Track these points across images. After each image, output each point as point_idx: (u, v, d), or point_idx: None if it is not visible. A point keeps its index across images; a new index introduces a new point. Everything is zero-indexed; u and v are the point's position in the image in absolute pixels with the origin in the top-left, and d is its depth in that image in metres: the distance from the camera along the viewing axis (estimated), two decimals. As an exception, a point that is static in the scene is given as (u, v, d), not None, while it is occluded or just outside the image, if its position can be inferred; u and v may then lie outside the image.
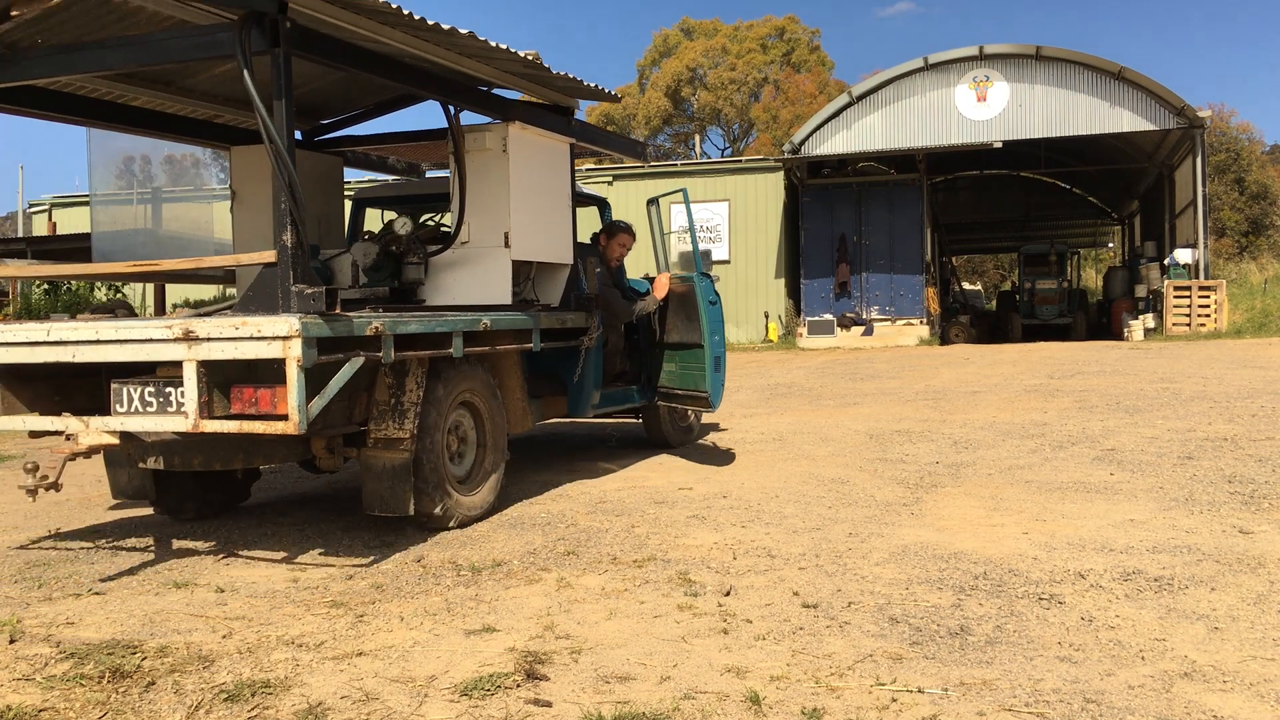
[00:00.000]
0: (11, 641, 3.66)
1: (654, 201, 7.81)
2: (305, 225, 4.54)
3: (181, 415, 4.39)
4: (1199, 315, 20.35)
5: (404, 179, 8.13)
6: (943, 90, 22.22)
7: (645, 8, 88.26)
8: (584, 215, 7.25)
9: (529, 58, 5.79)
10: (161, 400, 4.53)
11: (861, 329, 23.17)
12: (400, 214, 6.21)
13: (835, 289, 23.36)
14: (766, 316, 23.76)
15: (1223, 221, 37.77)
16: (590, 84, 6.49)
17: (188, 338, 4.28)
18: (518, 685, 3.14)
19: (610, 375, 7.26)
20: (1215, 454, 6.78)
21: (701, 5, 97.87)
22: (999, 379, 12.83)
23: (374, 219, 7.18)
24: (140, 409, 4.59)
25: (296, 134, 6.59)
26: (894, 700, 2.97)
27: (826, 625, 3.64)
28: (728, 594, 4.04)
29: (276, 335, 4.17)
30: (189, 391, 4.31)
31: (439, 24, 4.93)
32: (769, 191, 24.03)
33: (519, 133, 6.02)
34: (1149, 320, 21.42)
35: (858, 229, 23.54)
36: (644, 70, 51.78)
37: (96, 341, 4.54)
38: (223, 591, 4.30)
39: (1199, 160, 21.17)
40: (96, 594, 4.32)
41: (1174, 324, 20.45)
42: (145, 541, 5.38)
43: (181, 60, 5.53)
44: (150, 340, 4.41)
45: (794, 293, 23.75)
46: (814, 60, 48.46)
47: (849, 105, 22.77)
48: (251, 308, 5.18)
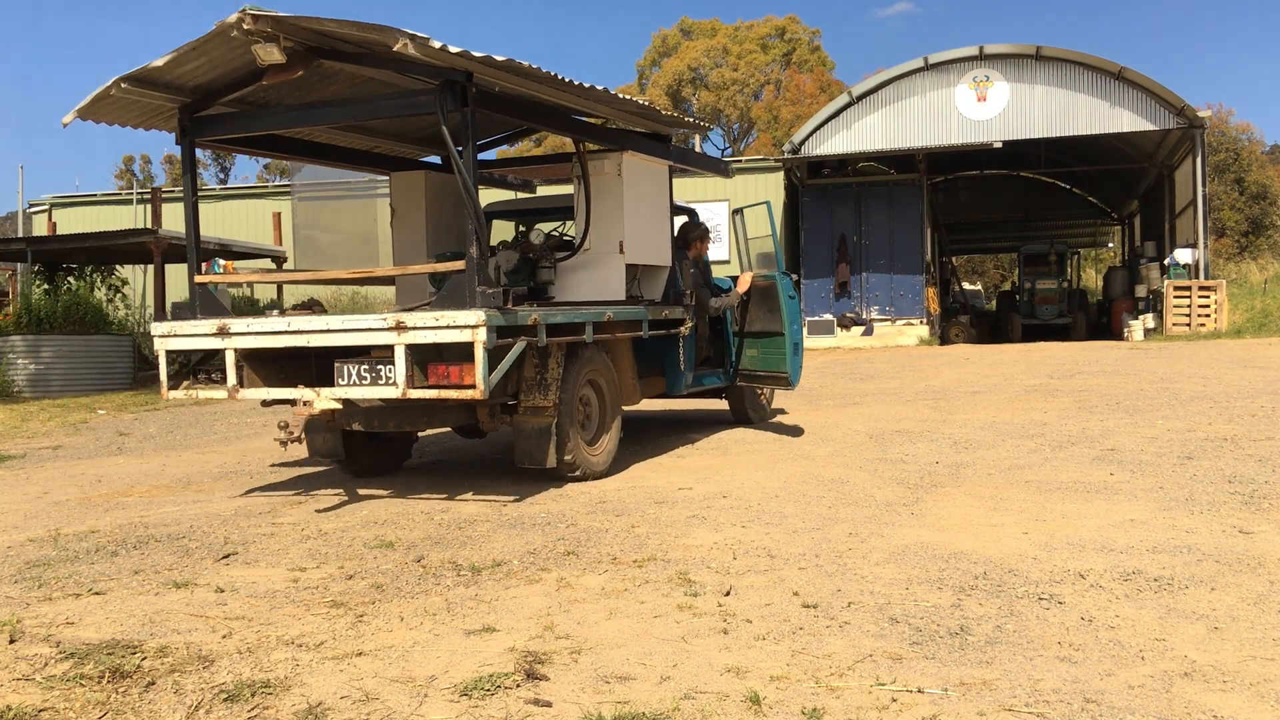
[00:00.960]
0: (11, 641, 3.66)
1: (739, 212, 9.20)
2: (486, 240, 6.02)
3: (392, 386, 5.76)
4: (1199, 315, 20.35)
5: (518, 195, 9.62)
6: (943, 90, 22.23)
7: (645, 8, 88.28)
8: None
9: (644, 103, 7.39)
10: (374, 375, 5.94)
11: (861, 329, 23.18)
12: (519, 224, 8.06)
13: (835, 289, 23.36)
14: (766, 316, 23.74)
15: (1223, 221, 37.78)
16: (684, 116, 8.16)
17: (399, 327, 5.65)
18: (518, 685, 3.14)
19: (698, 361, 8.41)
20: (1215, 454, 6.78)
21: (701, 5, 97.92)
22: (999, 379, 12.83)
23: (497, 229, 8.40)
24: (356, 382, 6.00)
25: (435, 159, 8.50)
26: (894, 700, 2.97)
27: (826, 625, 3.64)
28: (728, 594, 4.04)
29: (467, 324, 5.52)
30: (399, 368, 5.67)
31: (578, 82, 6.36)
32: (769, 191, 24.03)
33: (631, 159, 7.30)
34: (1149, 320, 21.43)
35: (858, 229, 23.55)
36: (644, 70, 51.80)
37: (327, 330, 5.96)
38: (223, 591, 4.30)
39: (1199, 160, 21.18)
40: (96, 594, 4.32)
41: (1174, 324, 20.45)
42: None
43: (392, 116, 7.02)
44: (370, 330, 5.78)
45: (794, 293, 23.75)
46: (814, 60, 48.48)
47: (849, 105, 22.78)
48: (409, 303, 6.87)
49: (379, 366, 5.91)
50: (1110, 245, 40.77)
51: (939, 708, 2.91)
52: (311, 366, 6.44)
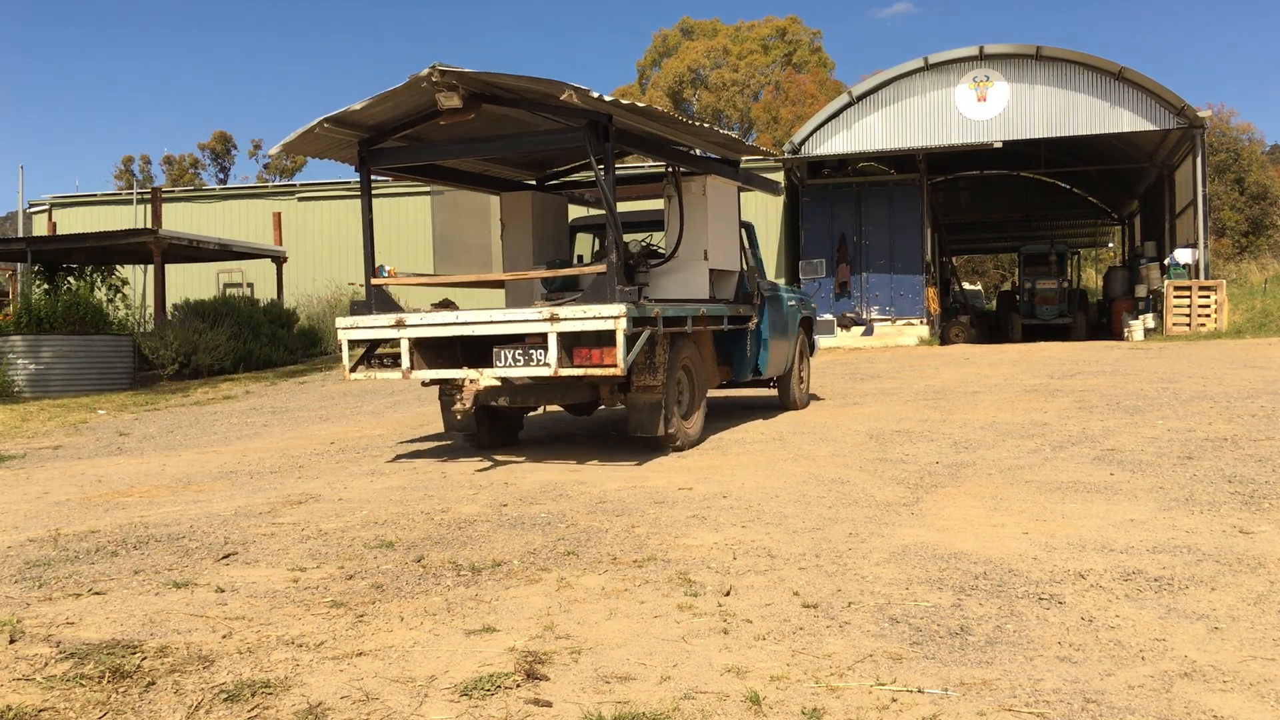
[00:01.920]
0: (11, 641, 3.66)
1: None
2: (623, 249, 7.32)
3: (545, 366, 7.00)
4: (1199, 315, 20.34)
5: (590, 211, 10.88)
6: (943, 90, 22.21)
7: (645, 8, 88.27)
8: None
9: (726, 134, 8.83)
10: (527, 358, 7.16)
11: (861, 329, 23.17)
12: (596, 237, 9.70)
13: (835, 289, 23.35)
14: (766, 316, 23.75)
15: (1223, 221, 37.77)
16: (753, 144, 9.63)
17: (553, 319, 6.90)
18: (518, 685, 3.13)
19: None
20: (1215, 454, 6.78)
21: (702, 5, 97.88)
22: (999, 379, 12.82)
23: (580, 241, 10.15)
24: (512, 363, 7.23)
25: (531, 181, 9.99)
26: (894, 700, 2.97)
27: (826, 625, 3.64)
28: (728, 594, 4.04)
29: (611, 315, 6.80)
30: (551, 351, 6.91)
31: (684, 118, 8.01)
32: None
33: (713, 181, 8.52)
34: (1149, 320, 21.42)
35: (858, 229, 23.54)
36: (644, 70, 51.81)
37: (490, 322, 7.23)
38: (223, 591, 4.30)
39: (1199, 160, 21.16)
40: (96, 594, 4.32)
41: (1174, 324, 20.44)
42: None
43: (544, 150, 8.87)
44: (527, 321, 7.04)
45: (794, 293, 23.75)
46: (815, 61, 48.48)
47: (849, 105, 22.77)
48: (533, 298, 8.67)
49: (531, 351, 7.17)
50: (1110, 245, 40.76)
51: (939, 708, 2.91)
52: (458, 353, 7.83)
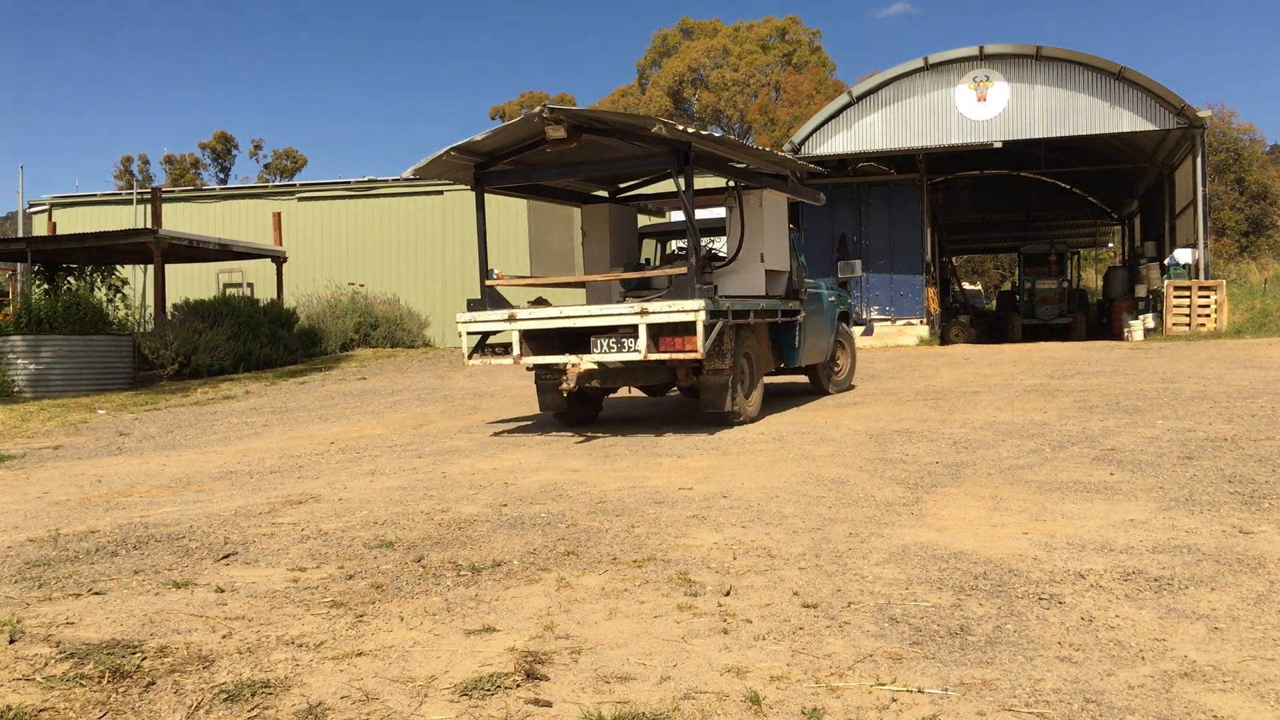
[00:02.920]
0: (11, 641, 3.66)
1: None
2: (700, 253, 8.72)
3: (636, 353, 8.42)
4: (1199, 315, 20.34)
5: (653, 220, 12.84)
6: (943, 90, 22.21)
7: (645, 8, 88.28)
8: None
9: (783, 155, 10.33)
10: (619, 346, 8.55)
11: (861, 329, 23.15)
12: (659, 242, 11.42)
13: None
14: (766, 316, 23.77)
15: (1223, 221, 37.76)
16: (804, 162, 10.98)
17: (643, 313, 8.37)
18: (518, 685, 3.13)
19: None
20: (1215, 454, 6.78)
21: (701, 5, 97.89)
22: (999, 379, 12.82)
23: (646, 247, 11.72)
24: (607, 350, 8.62)
25: (605, 193, 11.53)
26: (894, 700, 2.97)
27: (826, 625, 3.64)
28: (728, 594, 4.04)
29: (692, 309, 8.26)
30: (642, 339, 8.36)
31: (751, 144, 9.09)
32: (769, 191, 24.03)
33: (768, 194, 9.95)
34: (1149, 320, 21.41)
35: (858, 229, 23.55)
36: (644, 70, 51.80)
37: (589, 316, 8.68)
38: (223, 591, 4.29)
39: (1199, 160, 21.16)
40: (96, 594, 4.32)
41: (1174, 324, 20.44)
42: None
43: (635, 174, 10.71)
44: (621, 314, 8.55)
45: (794, 293, 23.76)
46: (815, 61, 48.46)
47: (849, 105, 22.77)
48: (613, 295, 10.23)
49: (624, 339, 8.56)
50: (1110, 245, 40.75)
51: (939, 708, 2.91)
52: (556, 342, 9.03)
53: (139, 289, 24.40)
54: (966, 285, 34.86)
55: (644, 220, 11.99)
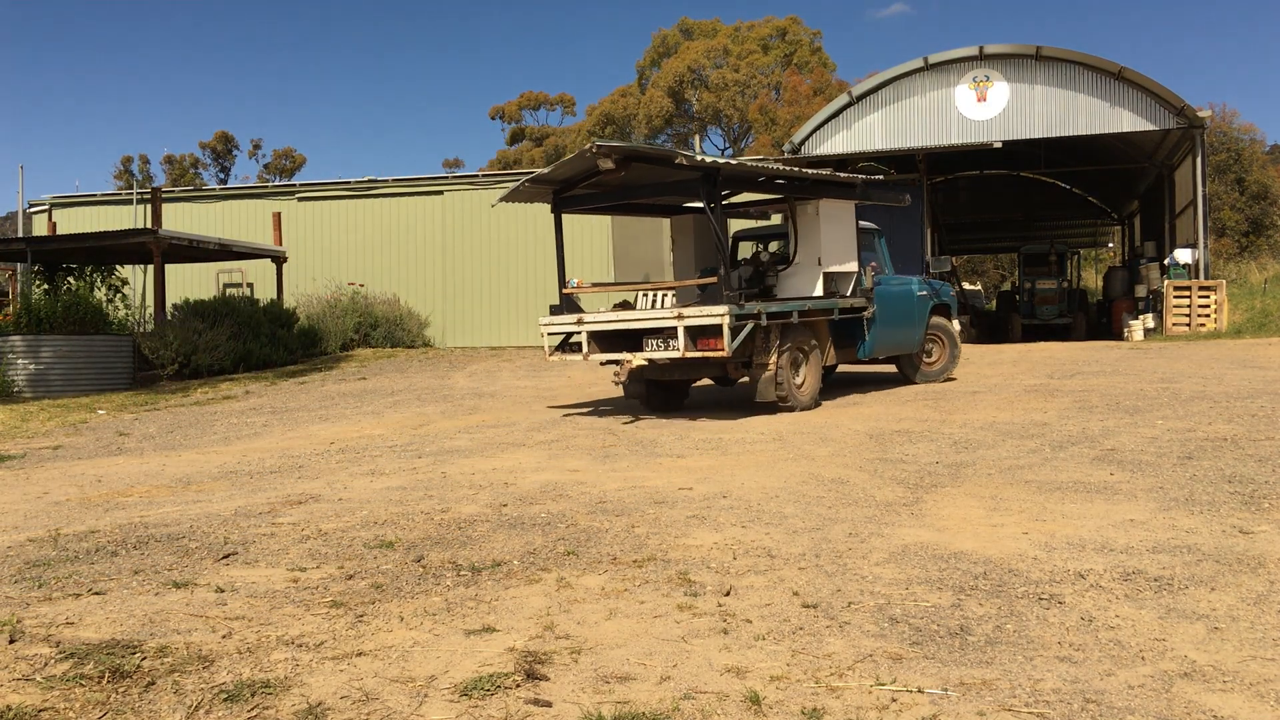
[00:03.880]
0: (11, 641, 3.66)
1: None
2: (729, 263, 10.16)
3: (675, 350, 9.79)
4: (1199, 315, 20.34)
5: (758, 223, 13.94)
6: (943, 90, 22.22)
7: (645, 8, 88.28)
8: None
9: (817, 172, 11.04)
10: (665, 344, 9.92)
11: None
12: (756, 243, 12.22)
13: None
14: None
15: (1223, 221, 37.72)
16: (842, 175, 11.51)
17: (680, 317, 9.70)
18: (518, 685, 3.13)
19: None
20: (1215, 454, 6.78)
21: (701, 5, 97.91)
22: (999, 379, 12.83)
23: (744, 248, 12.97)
24: (655, 348, 10.02)
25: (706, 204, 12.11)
26: (894, 700, 2.97)
27: (826, 625, 3.64)
28: (728, 594, 4.04)
29: (719, 314, 9.50)
30: (680, 339, 9.70)
31: (778, 165, 10.56)
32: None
33: (825, 203, 11.00)
34: (1149, 320, 21.41)
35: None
36: (644, 70, 51.79)
37: (640, 319, 10.16)
38: (223, 591, 4.29)
39: (1199, 160, 21.16)
40: (96, 594, 4.32)
41: (1174, 324, 20.44)
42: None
43: (679, 194, 11.36)
44: (664, 318, 9.93)
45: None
46: (815, 62, 48.44)
47: (849, 105, 22.77)
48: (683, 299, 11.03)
49: (668, 339, 9.90)
50: (1110, 245, 40.75)
51: (939, 708, 2.91)
52: (618, 342, 10.44)
53: (139, 289, 24.40)
54: (966, 285, 34.83)
55: (744, 224, 13.46)
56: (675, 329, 9.72)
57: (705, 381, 12.92)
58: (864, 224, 12.02)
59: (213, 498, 6.70)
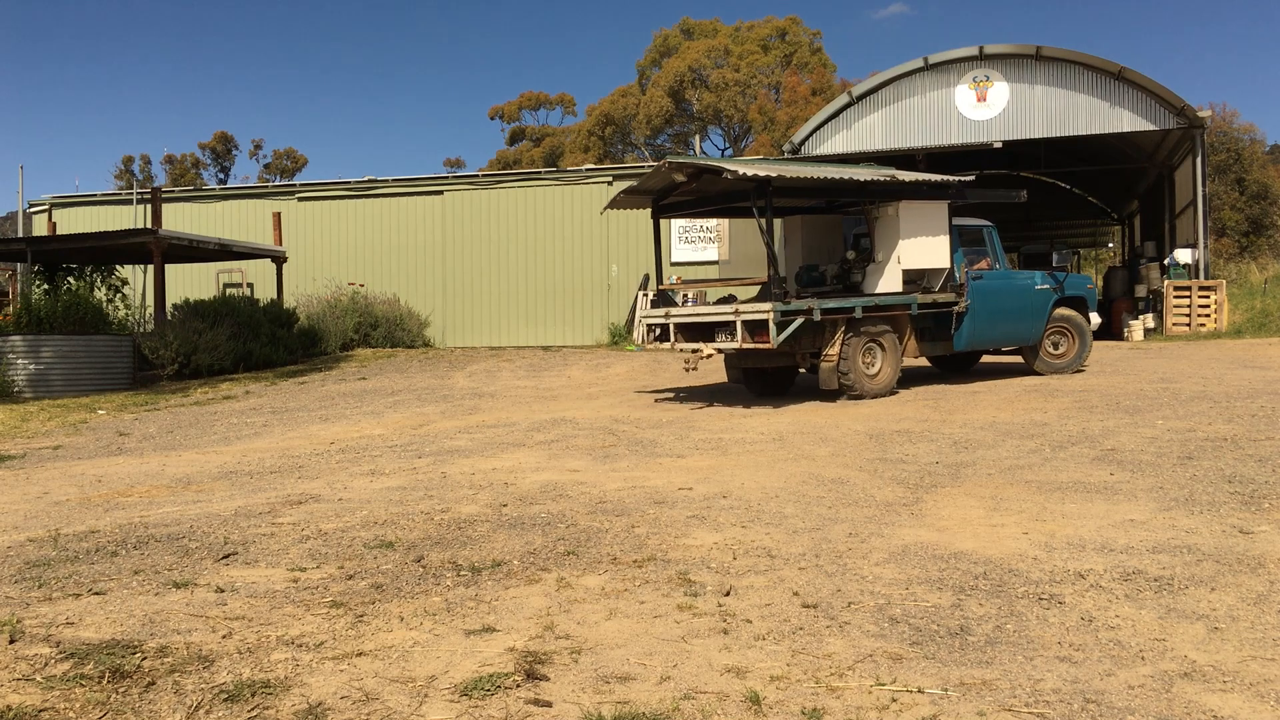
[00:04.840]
0: (11, 641, 3.66)
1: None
2: (779, 266, 11.27)
3: (734, 341, 10.80)
4: (1199, 315, 20.33)
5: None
6: (943, 90, 22.20)
7: (645, 8, 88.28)
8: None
9: (870, 180, 11.66)
10: (730, 336, 10.91)
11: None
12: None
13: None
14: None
15: (1223, 221, 37.72)
16: (931, 178, 12.12)
17: (738, 314, 10.71)
18: (518, 685, 3.13)
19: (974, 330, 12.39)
20: (1215, 454, 6.78)
21: (701, 5, 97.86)
22: (999, 378, 12.82)
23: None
24: (723, 340, 11.03)
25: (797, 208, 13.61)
26: (894, 700, 2.97)
27: (826, 625, 3.64)
28: (728, 594, 4.04)
29: (765, 310, 10.49)
30: (739, 332, 10.65)
31: (829, 174, 11.53)
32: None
33: (905, 205, 11.67)
34: (1149, 320, 21.40)
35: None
36: (644, 70, 51.77)
37: (709, 314, 11.31)
38: (223, 591, 4.30)
39: (1199, 160, 21.15)
40: (96, 594, 4.32)
41: (1174, 324, 20.43)
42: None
43: (743, 201, 11.73)
44: (725, 314, 10.94)
45: (794, 293, 23.76)
46: (816, 62, 48.43)
47: (849, 105, 22.76)
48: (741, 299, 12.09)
49: (731, 333, 10.87)
50: (1110, 245, 40.73)
51: (939, 708, 2.91)
52: (699, 333, 11.43)
53: (139, 289, 24.41)
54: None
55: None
56: (734, 323, 10.83)
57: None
58: (969, 221, 12.64)
59: (213, 498, 6.70)
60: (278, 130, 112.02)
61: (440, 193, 24.91)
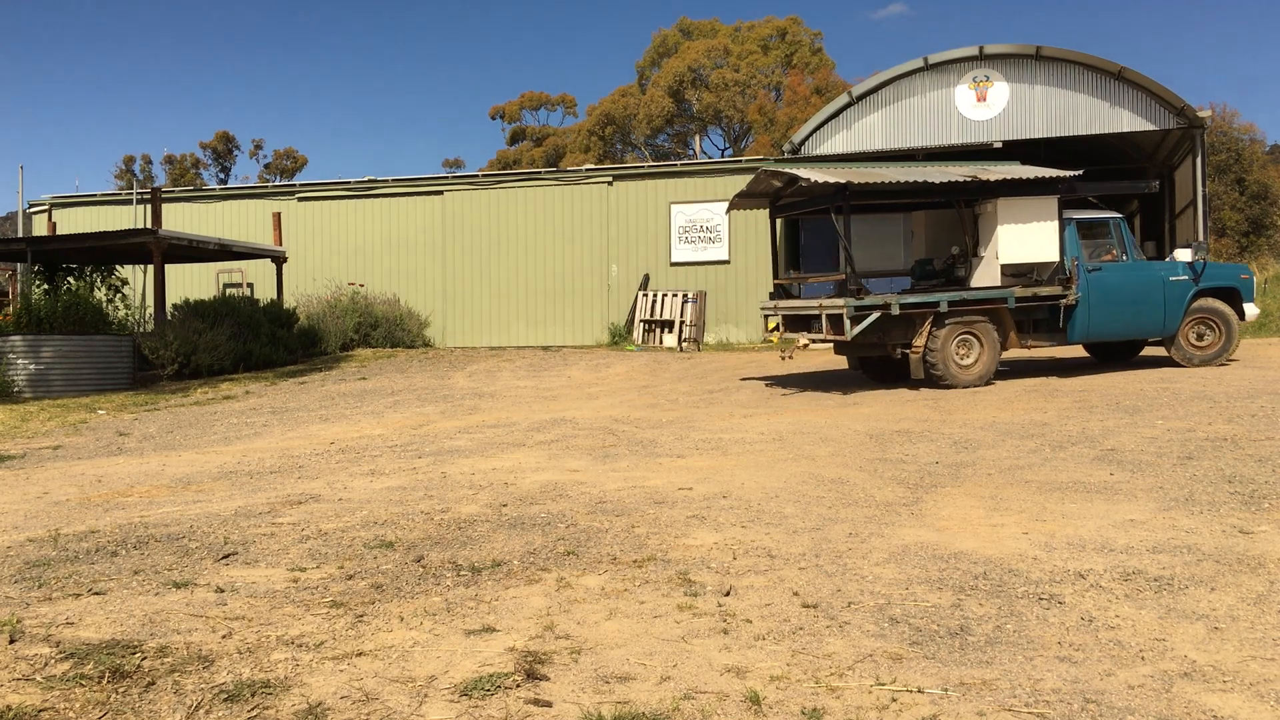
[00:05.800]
0: (11, 641, 3.66)
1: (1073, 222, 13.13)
2: (854, 263, 11.85)
3: (819, 333, 11.80)
4: (1199, 315, 20.28)
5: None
6: (943, 90, 22.21)
7: (645, 8, 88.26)
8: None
9: (943, 182, 11.83)
10: (818, 327, 11.83)
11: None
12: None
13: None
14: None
15: (1223, 221, 37.72)
16: (1041, 173, 12.56)
17: (821, 308, 11.65)
18: (518, 685, 3.13)
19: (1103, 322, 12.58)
20: (1215, 454, 6.78)
21: (701, 5, 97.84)
22: (998, 378, 12.81)
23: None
24: (815, 330, 12.03)
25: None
26: (894, 700, 2.97)
27: (826, 625, 3.64)
28: (728, 594, 4.04)
29: (839, 305, 11.38)
30: (824, 324, 11.63)
31: (903, 179, 11.81)
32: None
33: (1004, 201, 12.07)
34: (1149, 320, 21.36)
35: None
36: (644, 70, 51.76)
37: (805, 308, 12.27)
38: (223, 591, 4.30)
39: (1199, 160, 21.16)
40: (96, 594, 4.32)
41: (1174, 324, 20.38)
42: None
43: (832, 202, 12.31)
44: (812, 309, 11.93)
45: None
46: (816, 63, 48.42)
47: (849, 105, 22.75)
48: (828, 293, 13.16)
49: (819, 325, 11.75)
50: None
51: (939, 708, 2.91)
52: (803, 324, 12.57)
53: (139, 289, 24.41)
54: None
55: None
56: (819, 315, 11.70)
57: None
58: (1090, 215, 12.75)
59: (213, 498, 6.70)
60: (278, 130, 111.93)
61: (440, 193, 24.90)
